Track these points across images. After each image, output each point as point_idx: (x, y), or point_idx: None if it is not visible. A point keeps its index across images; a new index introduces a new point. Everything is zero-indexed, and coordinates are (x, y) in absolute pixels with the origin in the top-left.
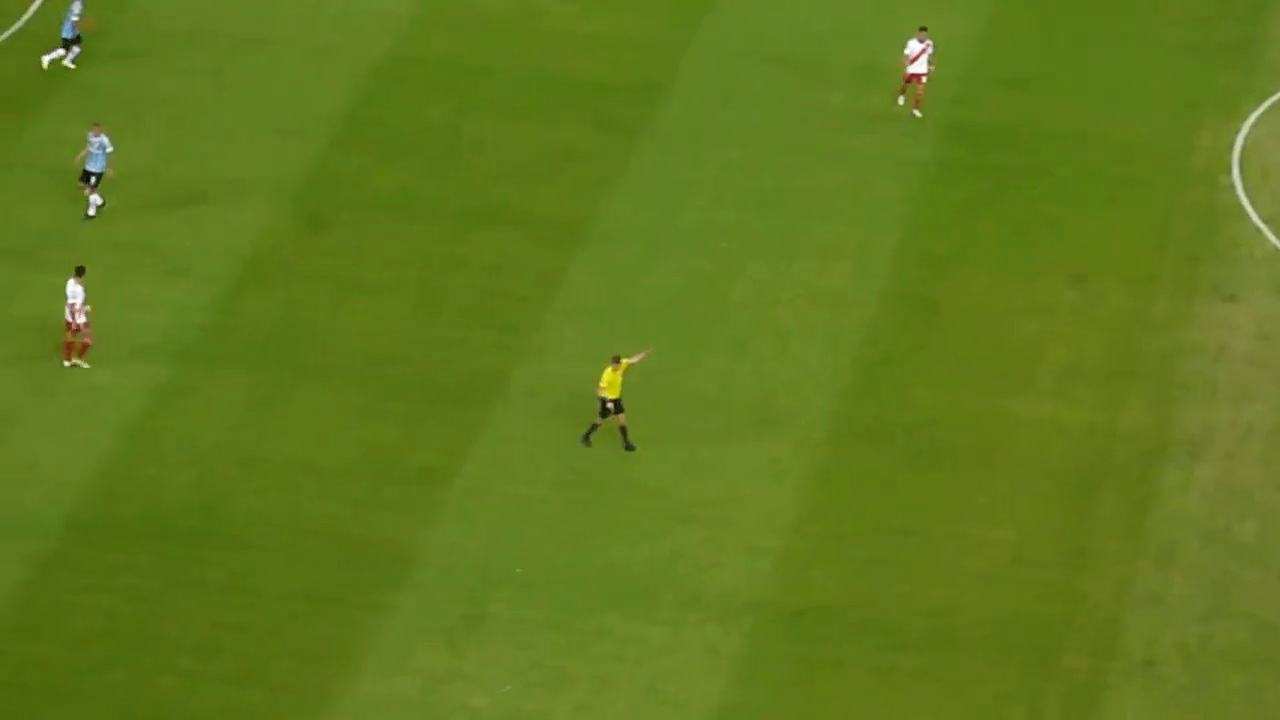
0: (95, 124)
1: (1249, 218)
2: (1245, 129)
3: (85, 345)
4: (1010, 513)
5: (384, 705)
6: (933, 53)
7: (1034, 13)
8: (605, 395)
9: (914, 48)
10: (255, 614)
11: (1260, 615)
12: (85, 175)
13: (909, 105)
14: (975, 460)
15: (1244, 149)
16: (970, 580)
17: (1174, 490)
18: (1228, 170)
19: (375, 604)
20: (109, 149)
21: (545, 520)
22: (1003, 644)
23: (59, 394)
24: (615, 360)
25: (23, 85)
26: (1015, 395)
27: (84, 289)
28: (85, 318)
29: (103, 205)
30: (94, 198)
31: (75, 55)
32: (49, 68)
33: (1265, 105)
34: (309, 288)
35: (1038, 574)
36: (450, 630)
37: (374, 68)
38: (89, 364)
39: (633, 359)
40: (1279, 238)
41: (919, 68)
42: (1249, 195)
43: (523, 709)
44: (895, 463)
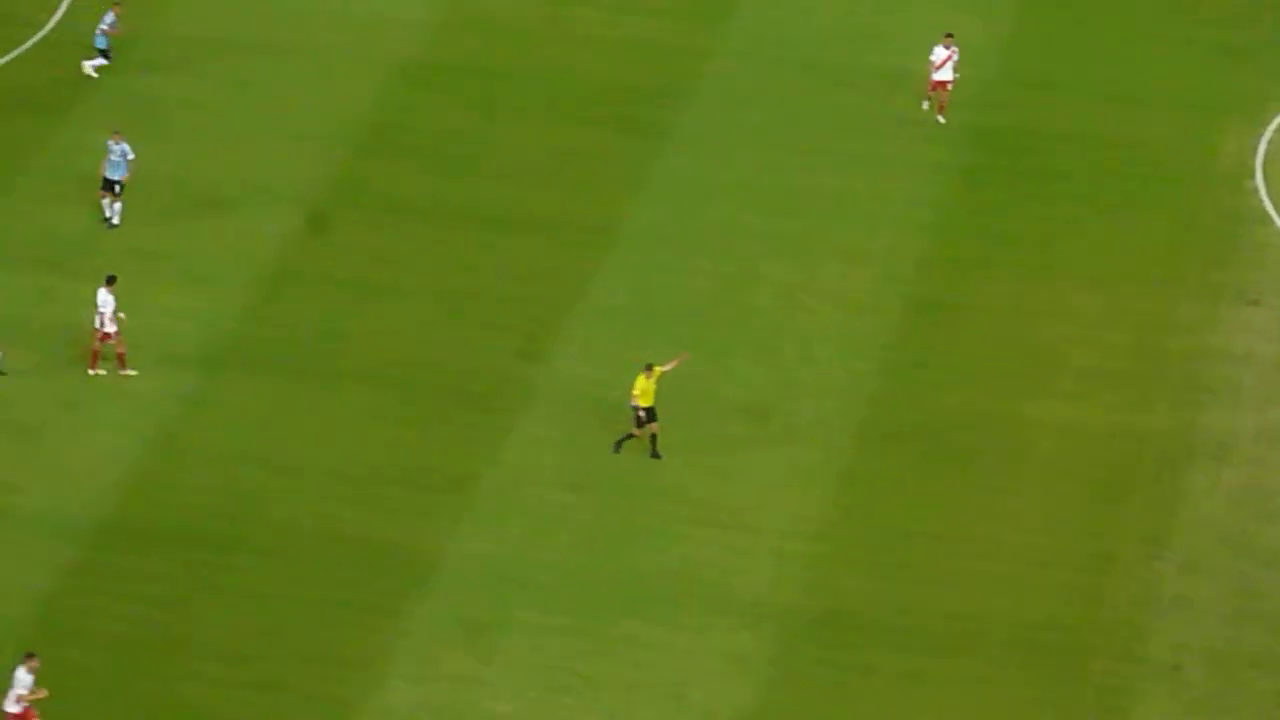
0: (115, 131)
1: (1273, 222)
2: (1270, 133)
3: (120, 355)
4: (1036, 517)
5: (410, 711)
6: (958, 60)
7: (1061, 16)
8: (639, 404)
9: (940, 54)
10: (283, 620)
11: None
12: (107, 183)
13: (933, 111)
14: (1001, 464)
15: (1269, 153)
16: (997, 584)
17: (1199, 494)
18: (1252, 174)
19: (401, 610)
20: (130, 156)
21: (571, 526)
22: (1030, 648)
23: (87, 401)
24: (648, 368)
25: (47, 92)
26: (1040, 399)
27: (115, 298)
28: (116, 326)
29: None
30: (116, 205)
31: (98, 64)
32: (96, 74)
33: None
34: (335, 294)
35: (1064, 578)
36: (476, 636)
37: (398, 73)
38: (134, 370)
39: (666, 366)
40: None
41: (944, 75)
42: (1273, 199)
43: (548, 715)
44: (921, 467)
